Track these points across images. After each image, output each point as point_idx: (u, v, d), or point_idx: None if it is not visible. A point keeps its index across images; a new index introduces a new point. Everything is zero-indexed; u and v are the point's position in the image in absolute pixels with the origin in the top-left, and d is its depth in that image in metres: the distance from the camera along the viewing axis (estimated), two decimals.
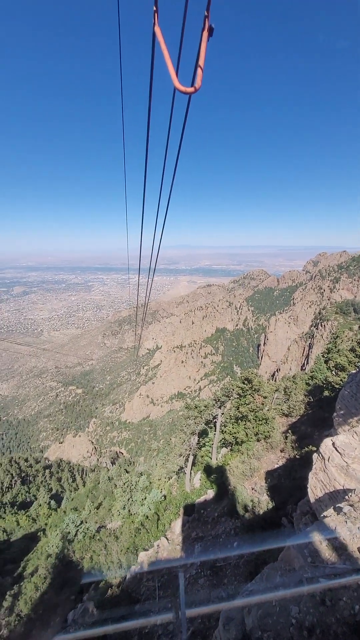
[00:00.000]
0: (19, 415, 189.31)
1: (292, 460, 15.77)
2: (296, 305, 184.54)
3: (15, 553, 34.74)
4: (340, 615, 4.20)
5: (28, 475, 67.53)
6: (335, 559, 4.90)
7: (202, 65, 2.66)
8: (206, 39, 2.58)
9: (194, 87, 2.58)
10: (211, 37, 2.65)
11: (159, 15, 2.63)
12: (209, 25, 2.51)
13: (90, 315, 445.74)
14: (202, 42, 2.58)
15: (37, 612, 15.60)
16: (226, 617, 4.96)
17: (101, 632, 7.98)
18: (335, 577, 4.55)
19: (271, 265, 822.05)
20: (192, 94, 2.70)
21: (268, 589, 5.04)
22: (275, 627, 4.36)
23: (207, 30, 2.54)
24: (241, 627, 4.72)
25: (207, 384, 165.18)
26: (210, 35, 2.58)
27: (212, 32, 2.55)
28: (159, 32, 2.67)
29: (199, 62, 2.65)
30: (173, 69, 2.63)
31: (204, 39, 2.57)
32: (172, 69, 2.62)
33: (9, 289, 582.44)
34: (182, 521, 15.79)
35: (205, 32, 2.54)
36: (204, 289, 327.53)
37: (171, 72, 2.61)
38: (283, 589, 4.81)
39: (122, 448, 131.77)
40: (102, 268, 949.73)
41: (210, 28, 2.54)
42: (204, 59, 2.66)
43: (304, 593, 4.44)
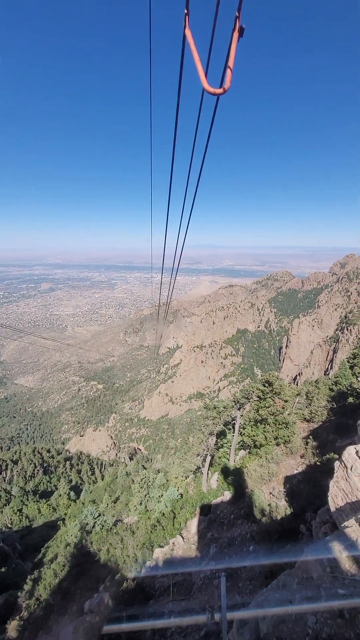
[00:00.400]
0: (42, 407, 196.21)
1: (313, 466, 15.35)
2: (321, 308, 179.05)
3: (36, 539, 36.16)
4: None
5: (50, 465, 69.93)
6: (356, 570, 4.74)
7: (231, 66, 2.65)
8: (236, 39, 2.57)
9: (222, 89, 2.58)
10: (241, 38, 2.65)
11: (189, 18, 2.66)
12: (240, 25, 2.51)
13: (112, 312, 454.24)
14: (233, 42, 2.58)
15: (55, 598, 16.17)
16: (240, 621, 4.93)
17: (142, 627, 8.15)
18: (355, 589, 4.40)
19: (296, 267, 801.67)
20: (220, 95, 2.71)
21: (284, 596, 4.96)
22: (291, 636, 4.29)
23: (237, 30, 2.53)
24: (255, 631, 4.68)
25: (227, 384, 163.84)
26: (240, 36, 2.57)
27: (243, 32, 2.54)
28: (190, 35, 2.70)
29: (228, 63, 2.64)
30: (202, 71, 2.64)
31: (234, 39, 2.56)
32: (201, 71, 2.63)
33: (37, 285, 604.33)
34: (198, 521, 15.81)
35: (235, 32, 2.54)
36: (226, 289, 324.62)
37: (200, 74, 2.62)
38: (299, 597, 4.72)
39: (140, 444, 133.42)
40: (125, 266, 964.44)
41: (241, 28, 2.53)
42: (234, 59, 2.66)
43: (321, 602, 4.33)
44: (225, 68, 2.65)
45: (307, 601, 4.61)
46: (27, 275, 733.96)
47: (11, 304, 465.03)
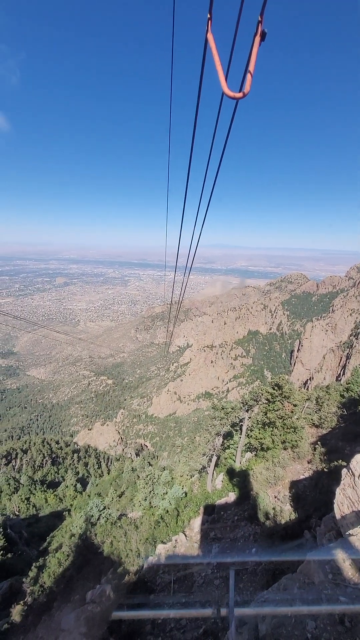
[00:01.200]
0: (53, 400, 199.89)
1: (320, 473, 15.16)
2: (335, 312, 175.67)
3: (42, 528, 36.98)
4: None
5: (58, 456, 71.27)
6: (359, 579, 4.70)
7: (252, 70, 2.67)
8: (258, 43, 2.59)
9: (242, 93, 2.60)
10: (263, 42, 2.67)
11: (212, 22, 2.70)
12: (262, 30, 2.53)
13: (125, 309, 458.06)
14: (254, 46, 2.60)
15: (58, 586, 16.53)
16: (240, 621, 4.96)
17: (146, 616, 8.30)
18: (357, 598, 4.36)
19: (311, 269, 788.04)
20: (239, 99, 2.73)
21: (284, 599, 4.96)
22: (290, 639, 4.29)
23: (259, 35, 2.55)
24: (254, 632, 4.70)
25: (236, 386, 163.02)
26: (262, 40, 2.58)
27: (265, 36, 2.55)
28: (211, 39, 2.73)
29: (249, 68, 2.66)
30: (223, 75, 2.67)
31: (255, 43, 2.58)
32: (221, 75, 2.67)
33: (52, 279, 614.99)
34: (201, 520, 15.86)
35: (257, 36, 2.55)
36: (239, 290, 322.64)
37: (221, 78, 2.66)
38: (300, 601, 4.71)
39: (147, 441, 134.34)
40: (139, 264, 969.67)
41: (263, 33, 2.55)
42: (255, 64, 2.68)
43: (321, 608, 4.32)
44: (245, 72, 2.67)
45: (308, 606, 4.60)
46: (43, 269, 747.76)
47: (26, 297, 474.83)
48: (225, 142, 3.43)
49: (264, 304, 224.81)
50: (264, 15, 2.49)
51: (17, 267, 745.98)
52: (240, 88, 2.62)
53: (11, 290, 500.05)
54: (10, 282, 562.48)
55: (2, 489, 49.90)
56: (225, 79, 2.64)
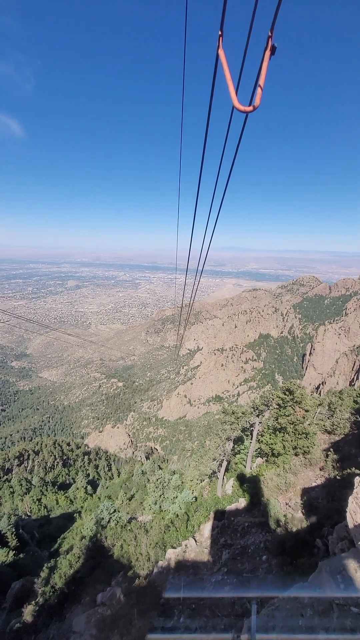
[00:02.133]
0: (64, 401, 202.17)
1: (332, 480, 14.88)
2: (349, 315, 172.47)
3: (53, 529, 37.37)
4: None
5: (69, 458, 71.93)
6: None
7: (262, 84, 2.74)
8: (268, 57, 2.67)
9: (252, 106, 2.68)
10: (273, 56, 2.74)
11: (223, 39, 2.78)
12: (272, 44, 2.60)
13: (135, 312, 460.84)
14: (264, 61, 2.67)
15: (69, 587, 16.66)
16: (248, 627, 4.92)
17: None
18: None
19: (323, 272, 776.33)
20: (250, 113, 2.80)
21: (295, 608, 4.90)
22: None
23: (269, 49, 2.62)
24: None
25: (247, 389, 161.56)
26: (272, 54, 2.65)
27: (275, 50, 2.62)
28: (222, 55, 2.82)
29: (259, 82, 2.73)
30: (233, 89, 2.76)
31: (266, 57, 2.66)
32: (232, 89, 2.75)
33: (64, 282, 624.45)
34: (211, 525, 15.75)
35: (267, 51, 2.63)
36: (250, 293, 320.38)
37: (231, 92, 2.74)
38: (311, 612, 4.65)
39: (157, 444, 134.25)
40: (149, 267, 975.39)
41: (273, 47, 2.62)
42: (265, 77, 2.75)
43: (333, 619, 4.25)
44: (255, 86, 2.74)
45: (319, 616, 4.54)
46: (55, 272, 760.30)
47: (39, 300, 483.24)
48: (235, 154, 3.50)
49: (275, 307, 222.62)
50: (274, 31, 2.57)
51: (31, 271, 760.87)
52: (250, 102, 2.69)
53: (24, 293, 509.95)
54: (24, 285, 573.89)
55: (15, 489, 50.70)
56: (236, 93, 2.72)
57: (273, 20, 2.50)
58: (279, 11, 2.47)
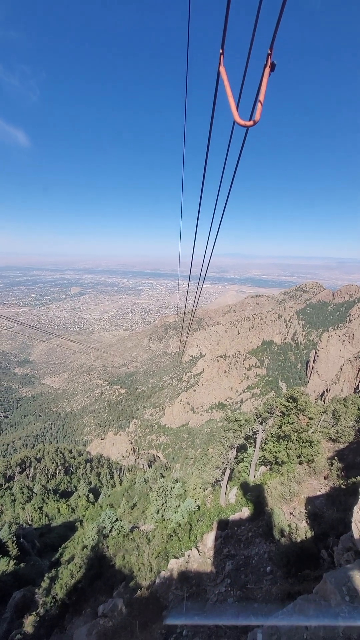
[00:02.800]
0: (67, 408, 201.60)
1: (337, 489, 14.66)
2: (353, 322, 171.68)
3: (55, 539, 36.94)
4: None
5: (71, 466, 71.48)
6: None
7: (262, 100, 2.84)
8: (268, 74, 2.78)
9: (252, 121, 2.78)
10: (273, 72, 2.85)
11: (224, 57, 2.90)
12: (272, 61, 2.71)
13: (138, 318, 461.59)
14: (264, 77, 2.79)
15: (70, 598, 16.42)
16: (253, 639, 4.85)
17: None
18: None
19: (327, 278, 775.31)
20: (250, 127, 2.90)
21: (299, 621, 4.81)
22: None
23: (269, 66, 2.73)
24: None
25: (250, 397, 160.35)
26: (272, 71, 2.76)
27: (274, 67, 2.73)
28: (224, 72, 2.93)
29: (259, 97, 2.84)
30: (234, 104, 2.86)
31: (265, 74, 2.77)
32: (233, 104, 2.85)
33: (67, 289, 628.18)
34: (214, 535, 15.53)
35: (267, 68, 2.74)
36: (253, 299, 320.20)
37: (232, 107, 2.84)
38: (315, 622, 4.57)
39: (160, 452, 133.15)
40: (152, 273, 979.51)
41: (273, 64, 2.73)
42: (265, 93, 2.85)
43: (339, 634, 4.17)
44: (255, 102, 2.84)
45: (324, 629, 4.46)
46: (59, 279, 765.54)
47: (42, 307, 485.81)
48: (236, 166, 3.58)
49: (279, 314, 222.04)
50: (273, 49, 2.67)
51: (34, 277, 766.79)
52: (251, 116, 2.79)
53: (28, 300, 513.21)
54: (28, 291, 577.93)
55: (16, 497, 50.33)
56: (237, 108, 2.82)
57: (272, 39, 2.60)
58: (278, 30, 2.58)
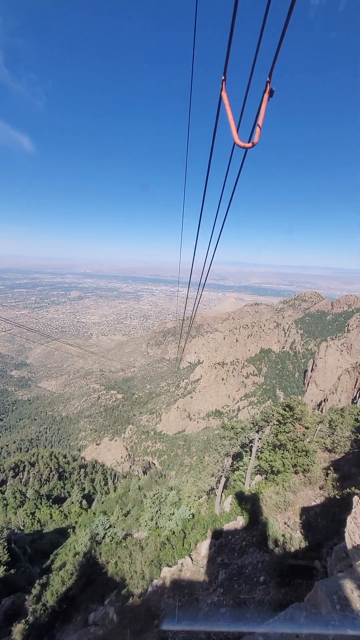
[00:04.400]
0: (62, 412, 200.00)
1: (332, 500, 14.63)
2: (351, 332, 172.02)
3: (46, 545, 36.41)
4: None
5: (65, 471, 70.71)
6: None
7: (260, 124, 3.04)
8: (267, 99, 2.99)
9: (251, 143, 2.98)
10: (271, 98, 3.06)
11: (226, 83, 3.10)
12: (270, 88, 2.92)
13: (137, 323, 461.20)
14: (263, 102, 3.00)
15: (61, 605, 16.20)
16: None
17: None
18: None
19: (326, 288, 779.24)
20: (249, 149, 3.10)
21: (291, 629, 4.84)
22: None
23: (268, 92, 2.94)
24: None
25: (247, 405, 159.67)
26: (270, 96, 2.97)
27: (273, 94, 2.94)
28: (225, 97, 3.13)
29: (258, 121, 3.04)
30: (234, 127, 3.06)
31: (264, 100, 2.98)
32: (233, 127, 3.06)
33: (67, 293, 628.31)
34: (208, 544, 15.41)
35: (266, 94, 2.95)
36: (251, 307, 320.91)
37: (233, 130, 3.05)
38: (307, 633, 4.60)
39: (155, 459, 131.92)
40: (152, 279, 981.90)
41: (271, 91, 2.95)
42: (263, 118, 3.06)
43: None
44: (254, 125, 3.04)
45: (315, 638, 4.51)
46: (59, 282, 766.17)
47: (42, 310, 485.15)
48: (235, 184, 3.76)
49: (277, 322, 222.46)
50: (272, 77, 2.88)
51: (34, 281, 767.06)
52: (250, 139, 2.99)
53: (27, 303, 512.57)
54: (27, 294, 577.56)
55: (8, 501, 49.65)
56: (237, 131, 3.02)
57: (271, 67, 2.81)
58: (277, 60, 2.78)
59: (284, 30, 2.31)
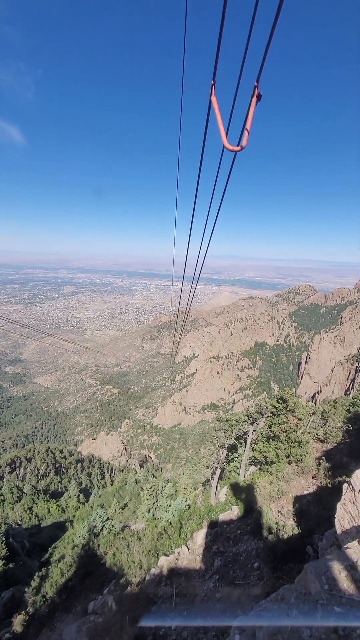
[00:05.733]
0: (58, 408, 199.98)
1: (324, 488, 15.07)
2: (344, 324, 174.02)
3: (44, 539, 36.77)
4: None
5: (62, 466, 71.05)
6: (354, 590, 4.84)
7: (248, 128, 3.16)
8: (254, 104, 3.09)
9: (240, 146, 3.09)
10: (259, 102, 3.17)
11: (215, 87, 3.19)
12: (258, 92, 3.03)
13: (131, 318, 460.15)
14: (251, 106, 3.10)
15: (60, 596, 16.52)
16: (238, 628, 5.12)
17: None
18: (351, 608, 4.51)
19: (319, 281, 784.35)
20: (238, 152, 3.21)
21: (282, 609, 5.10)
22: None
23: (255, 96, 3.05)
24: (252, 639, 4.85)
25: (242, 397, 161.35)
26: (258, 100, 3.08)
27: (260, 98, 3.05)
28: (215, 101, 3.23)
29: (246, 125, 3.14)
30: (224, 131, 3.17)
31: (252, 104, 3.09)
32: (222, 131, 3.16)
33: (61, 288, 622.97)
34: (204, 533, 15.80)
35: (254, 98, 3.06)
36: (246, 301, 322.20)
37: (222, 134, 3.15)
38: (296, 612, 4.86)
39: (152, 452, 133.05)
40: (146, 273, 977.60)
41: (259, 95, 3.05)
42: (251, 121, 3.16)
43: (317, 617, 4.47)
44: (243, 129, 3.15)
45: (304, 616, 4.77)
46: (52, 278, 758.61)
47: (35, 305, 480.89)
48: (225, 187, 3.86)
49: (271, 315, 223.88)
50: (259, 81, 2.99)
51: (27, 276, 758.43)
52: (239, 142, 3.09)
53: (20, 299, 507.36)
54: (20, 290, 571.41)
55: (5, 497, 49.85)
56: (226, 135, 3.13)
57: (259, 72, 2.91)
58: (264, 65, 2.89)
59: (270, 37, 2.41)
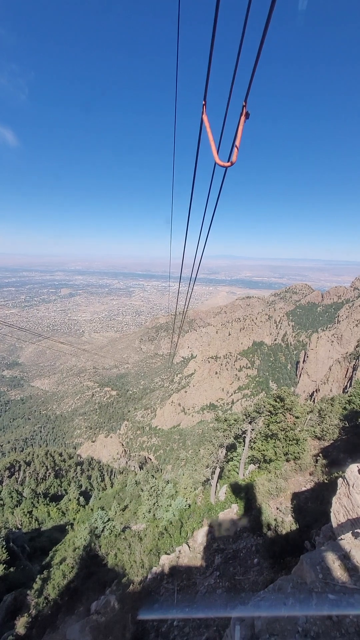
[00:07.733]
0: (57, 411, 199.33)
1: (321, 484, 15.33)
2: (341, 323, 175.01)
3: (45, 542, 36.77)
4: (346, 631, 4.42)
5: (61, 469, 70.92)
6: (347, 578, 5.08)
7: (238, 145, 3.39)
8: (243, 122, 3.33)
9: (230, 162, 3.33)
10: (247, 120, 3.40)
11: (206, 107, 3.43)
12: (246, 111, 3.27)
13: (129, 319, 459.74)
14: (240, 124, 3.34)
15: (63, 598, 16.64)
16: (237, 618, 5.33)
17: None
18: (344, 595, 4.74)
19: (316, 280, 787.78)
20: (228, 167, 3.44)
21: (279, 598, 5.32)
22: (282, 632, 4.66)
23: (244, 115, 3.29)
24: (251, 628, 5.06)
25: (241, 397, 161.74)
26: (246, 119, 3.32)
27: (249, 116, 3.28)
28: (206, 119, 3.46)
29: (235, 142, 3.38)
30: (214, 148, 3.40)
31: (241, 122, 3.33)
32: (214, 148, 3.40)
33: (57, 290, 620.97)
34: (204, 531, 16.00)
35: (242, 116, 3.30)
36: (243, 301, 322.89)
37: (213, 150, 3.39)
38: (292, 600, 5.08)
39: (151, 454, 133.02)
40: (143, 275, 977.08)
41: (247, 113, 3.29)
42: (240, 138, 3.41)
43: (312, 605, 4.70)
44: (232, 146, 3.39)
45: (300, 604, 4.99)
46: (49, 280, 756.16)
47: (32, 308, 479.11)
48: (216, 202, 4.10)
49: (269, 315, 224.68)
50: (247, 101, 3.24)
51: (24, 279, 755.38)
52: (229, 158, 3.32)
53: (17, 302, 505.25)
54: (16, 293, 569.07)
55: (5, 501, 49.75)
56: (217, 151, 3.36)
57: (247, 93, 3.15)
58: (251, 86, 3.12)
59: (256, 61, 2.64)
